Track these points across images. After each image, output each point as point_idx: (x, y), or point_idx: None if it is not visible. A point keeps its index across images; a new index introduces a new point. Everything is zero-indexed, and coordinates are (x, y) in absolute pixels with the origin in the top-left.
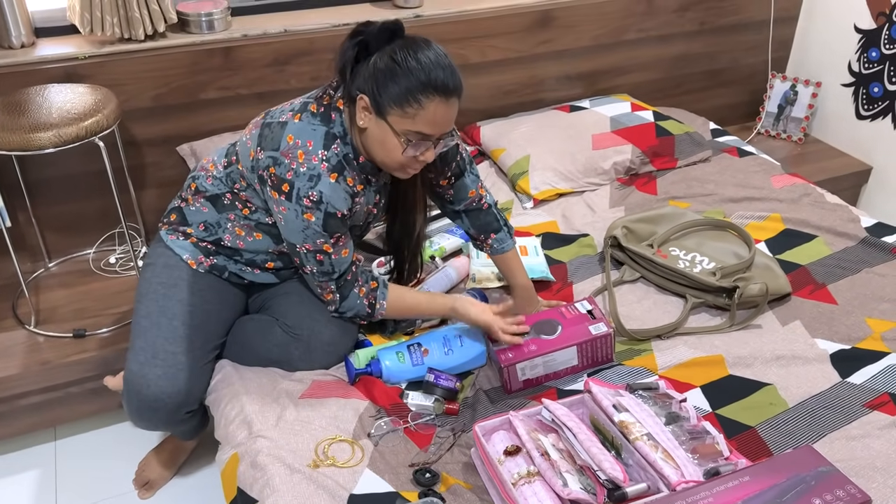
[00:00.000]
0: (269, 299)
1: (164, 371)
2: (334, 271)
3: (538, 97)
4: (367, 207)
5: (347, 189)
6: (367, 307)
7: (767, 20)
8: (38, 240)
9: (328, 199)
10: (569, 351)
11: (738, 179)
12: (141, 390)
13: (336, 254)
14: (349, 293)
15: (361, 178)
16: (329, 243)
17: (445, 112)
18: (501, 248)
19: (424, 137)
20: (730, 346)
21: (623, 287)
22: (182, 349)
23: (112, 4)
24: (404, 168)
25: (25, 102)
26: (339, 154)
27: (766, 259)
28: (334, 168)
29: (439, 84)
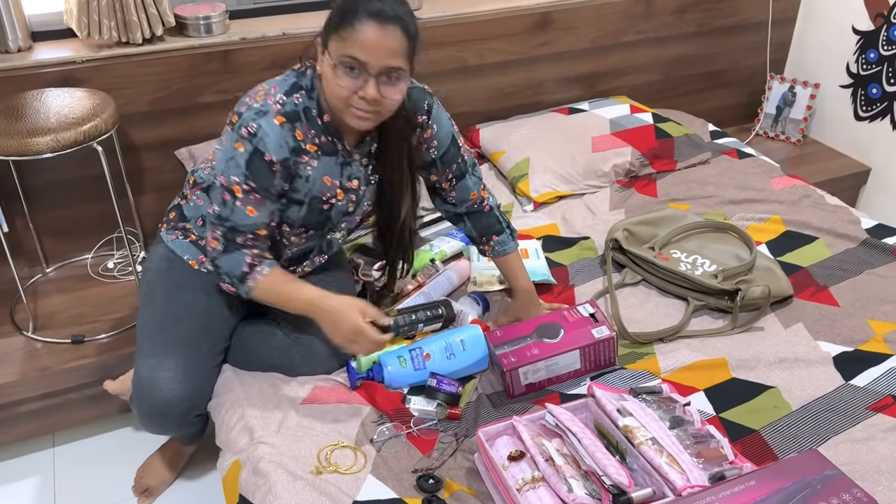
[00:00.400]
0: None
1: (174, 374)
2: (229, 220)
3: (537, 99)
4: (330, 181)
5: (291, 140)
6: (246, 267)
7: (766, 21)
8: (35, 245)
9: (262, 136)
10: (571, 355)
11: (738, 181)
12: (153, 394)
13: (242, 203)
14: (234, 251)
15: (319, 140)
16: (242, 187)
17: (378, 37)
18: (503, 251)
19: (361, 66)
20: (732, 349)
21: (624, 290)
22: (192, 351)
23: (109, 8)
24: (349, 107)
25: (23, 107)
26: (298, 105)
27: (768, 261)
28: (286, 114)
29: (373, 7)
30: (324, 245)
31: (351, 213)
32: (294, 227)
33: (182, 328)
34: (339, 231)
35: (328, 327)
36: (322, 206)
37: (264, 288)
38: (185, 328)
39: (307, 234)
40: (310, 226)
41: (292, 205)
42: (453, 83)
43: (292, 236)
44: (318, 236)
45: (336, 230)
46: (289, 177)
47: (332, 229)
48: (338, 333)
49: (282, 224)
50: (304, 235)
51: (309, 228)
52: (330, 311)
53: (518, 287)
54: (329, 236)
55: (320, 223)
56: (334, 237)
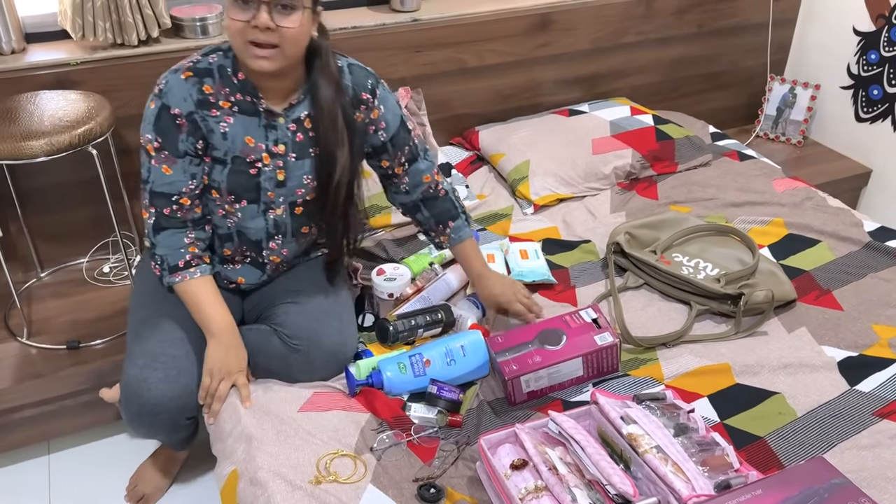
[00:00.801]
0: (267, 309)
1: (164, 374)
2: (149, 181)
3: (537, 101)
4: (254, 143)
5: (198, 93)
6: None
7: (766, 23)
8: (29, 249)
9: (167, 90)
10: (574, 362)
11: (739, 184)
12: (141, 394)
13: (157, 162)
14: (171, 229)
15: (235, 98)
16: (153, 145)
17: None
18: (460, 237)
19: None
20: (736, 354)
21: (626, 293)
22: (182, 352)
23: (104, 9)
24: (247, 45)
25: (16, 110)
26: (212, 63)
27: (771, 265)
28: (195, 70)
29: None
30: (270, 225)
31: (284, 184)
32: (223, 193)
33: (171, 330)
34: (278, 206)
35: (216, 353)
36: (248, 170)
37: (190, 290)
38: (174, 330)
39: (241, 205)
40: (241, 194)
41: (216, 164)
42: (452, 85)
43: (226, 205)
44: (258, 212)
45: (275, 205)
46: (198, 132)
47: (269, 204)
48: (215, 363)
49: (211, 188)
50: (239, 208)
51: (241, 198)
52: (226, 345)
53: (480, 274)
54: (271, 214)
55: (250, 190)
56: (277, 215)
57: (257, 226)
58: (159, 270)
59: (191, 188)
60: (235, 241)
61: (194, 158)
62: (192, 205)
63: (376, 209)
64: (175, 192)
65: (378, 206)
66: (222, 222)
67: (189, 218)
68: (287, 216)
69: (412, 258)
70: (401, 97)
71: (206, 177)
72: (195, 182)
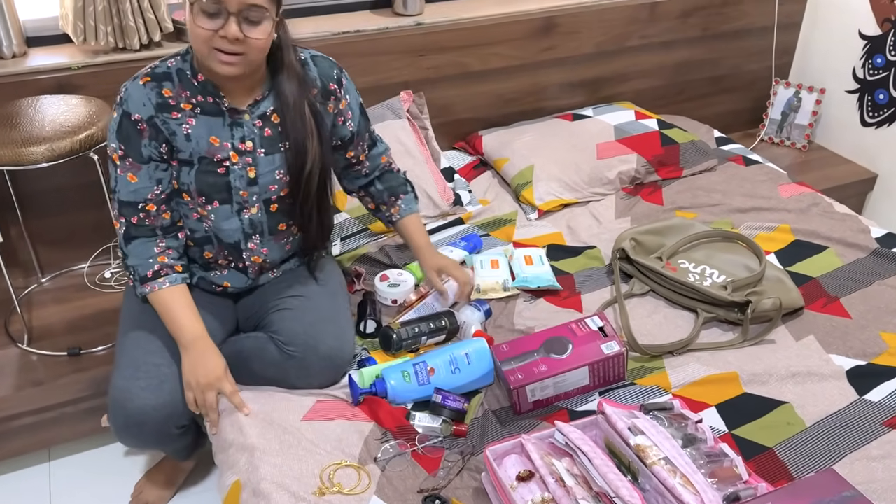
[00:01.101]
0: (264, 316)
1: (147, 383)
2: (117, 191)
3: (540, 105)
4: (219, 142)
5: (157, 97)
6: (151, 272)
7: (771, 26)
8: (30, 255)
9: (127, 97)
10: (580, 371)
11: (745, 189)
12: (125, 404)
13: (122, 170)
14: (140, 238)
15: (196, 100)
16: (118, 153)
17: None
18: (410, 209)
19: (219, 5)
20: (743, 363)
21: (632, 300)
22: (165, 361)
23: (106, 13)
24: (213, 52)
25: (17, 115)
26: (171, 68)
27: (777, 272)
28: (153, 75)
29: None
30: (246, 225)
31: (256, 181)
32: (194, 195)
33: (154, 340)
34: (252, 205)
35: (189, 365)
36: (216, 170)
37: (161, 300)
38: (157, 339)
39: (214, 206)
40: (211, 195)
41: (182, 166)
42: (456, 89)
43: (199, 208)
44: (232, 212)
45: (249, 204)
46: (160, 136)
47: (243, 204)
48: (193, 375)
49: (182, 192)
50: (211, 209)
51: (212, 199)
52: (196, 356)
53: (427, 245)
54: (246, 213)
55: (221, 190)
56: (252, 214)
57: (232, 226)
58: (132, 281)
59: (156, 194)
60: (215, 243)
61: (160, 164)
62: (158, 210)
63: None
64: (141, 199)
65: None
66: (198, 226)
67: (158, 225)
68: (263, 214)
69: (415, 264)
70: (402, 101)
71: (175, 181)
72: (161, 187)
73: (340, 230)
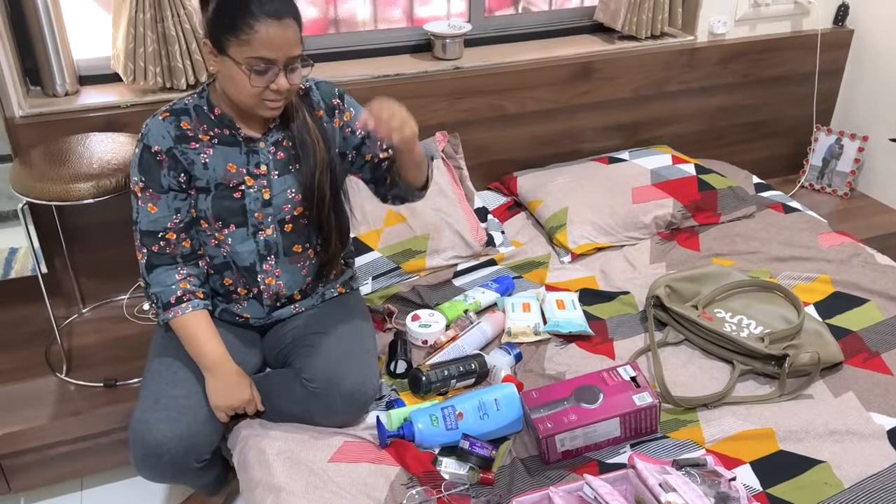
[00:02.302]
0: (291, 353)
1: (165, 415)
2: (138, 222)
3: (576, 147)
4: (235, 168)
5: (176, 130)
6: (174, 298)
7: (812, 73)
8: (73, 285)
9: (148, 132)
10: (611, 422)
11: (783, 237)
12: (143, 435)
13: (143, 202)
14: (161, 266)
15: (212, 131)
16: (139, 185)
17: (280, 33)
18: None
19: (268, 63)
20: (780, 418)
21: (666, 349)
22: (183, 393)
23: (155, 55)
24: (262, 102)
25: (67, 151)
26: (188, 104)
27: (816, 324)
28: (172, 111)
29: (265, 6)
30: (261, 247)
31: (270, 202)
32: (211, 221)
33: (175, 372)
34: (267, 226)
35: (214, 388)
36: (232, 194)
37: (183, 325)
38: (177, 371)
39: (230, 230)
40: (227, 219)
41: (200, 193)
42: (492, 131)
43: (216, 233)
44: (248, 235)
45: (264, 225)
46: (179, 165)
47: (258, 226)
48: (221, 399)
49: (200, 219)
50: (228, 233)
51: (229, 223)
52: (222, 378)
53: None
54: (262, 235)
55: (237, 214)
56: (267, 235)
57: (247, 248)
58: (155, 309)
59: (175, 222)
60: (233, 268)
61: (179, 193)
62: (178, 239)
63: (409, 254)
64: (161, 228)
65: (411, 250)
66: (216, 252)
67: (178, 253)
68: (277, 235)
69: (447, 305)
70: (437, 141)
71: (193, 210)
72: (180, 216)
73: (372, 269)
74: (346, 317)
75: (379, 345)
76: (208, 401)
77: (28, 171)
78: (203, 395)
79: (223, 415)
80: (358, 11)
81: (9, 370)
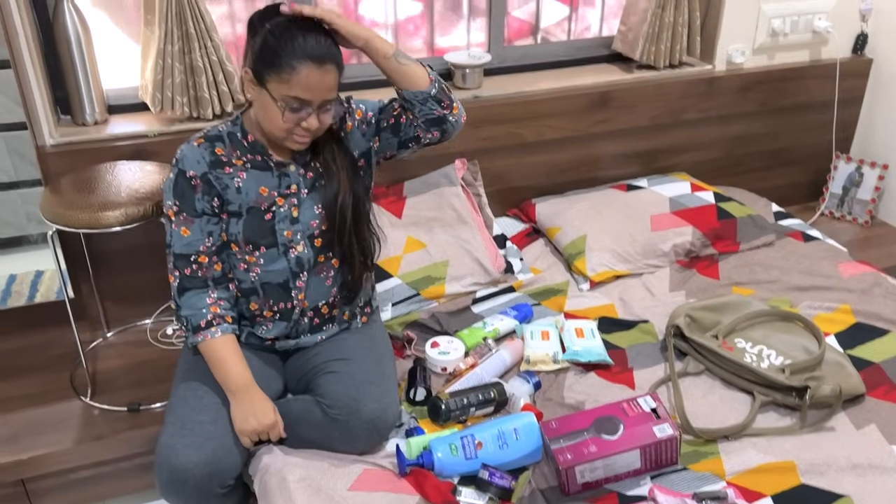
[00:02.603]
0: (312, 379)
1: (191, 440)
2: (171, 246)
3: (594, 175)
4: (267, 192)
5: (210, 156)
6: (204, 322)
7: (831, 101)
8: (98, 310)
9: (182, 157)
10: (631, 454)
11: (803, 266)
12: (170, 460)
13: (177, 225)
14: (193, 290)
15: (245, 157)
16: (173, 209)
17: (319, 77)
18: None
19: (303, 103)
20: (801, 451)
21: (686, 379)
22: (209, 418)
23: (183, 85)
24: (290, 135)
25: (95, 180)
26: (222, 130)
27: (837, 355)
28: (206, 136)
29: (309, 50)
30: (293, 264)
31: (298, 220)
32: (241, 245)
33: (201, 397)
34: (297, 243)
35: (240, 413)
36: (263, 216)
37: (212, 349)
38: (204, 397)
39: (261, 252)
40: (257, 241)
41: (231, 218)
42: (510, 158)
43: (247, 256)
44: (279, 254)
45: (294, 242)
46: (213, 190)
47: (288, 244)
48: (246, 423)
49: (230, 243)
50: (259, 255)
51: (259, 245)
52: (247, 403)
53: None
54: (293, 252)
55: (266, 235)
56: (299, 252)
57: (280, 267)
58: (184, 331)
59: (207, 246)
60: (260, 294)
61: (211, 217)
62: (210, 262)
63: (429, 280)
64: (193, 251)
65: (431, 277)
66: (245, 276)
67: (210, 276)
68: (308, 250)
69: (466, 332)
70: (456, 168)
71: (224, 234)
72: (212, 239)
73: (392, 295)
74: (367, 343)
75: (399, 371)
76: (233, 426)
77: (58, 199)
78: (228, 420)
79: (247, 440)
80: None
81: (34, 394)
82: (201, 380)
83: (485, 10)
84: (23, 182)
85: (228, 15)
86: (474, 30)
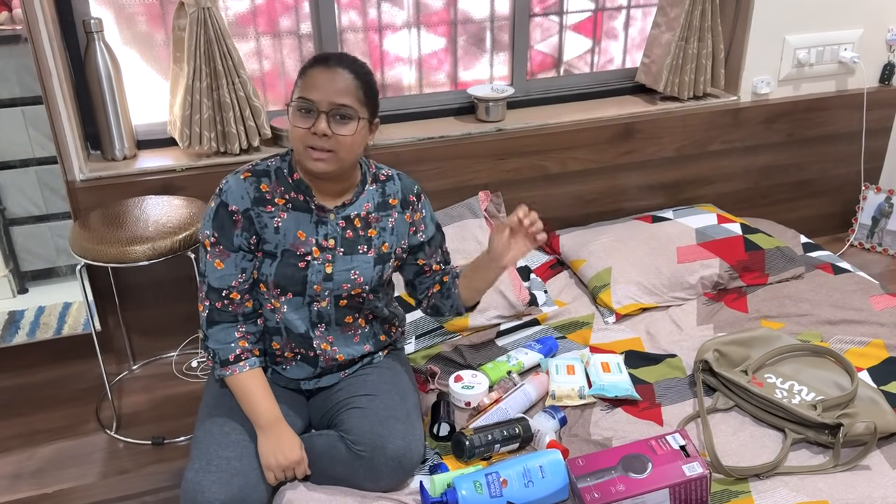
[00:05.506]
0: (336, 415)
1: (217, 476)
2: (205, 275)
3: (619, 206)
4: (305, 236)
5: (255, 192)
6: (233, 356)
7: (859, 131)
8: (125, 343)
9: (227, 189)
10: (660, 493)
11: (834, 299)
12: (195, 497)
13: (212, 256)
14: (222, 324)
15: (289, 196)
16: (210, 240)
17: (326, 76)
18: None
19: (311, 105)
20: (835, 490)
21: (716, 416)
22: (236, 454)
23: (210, 121)
24: (307, 149)
25: (124, 214)
26: (270, 165)
27: (871, 391)
28: (253, 171)
29: (324, 55)
30: (313, 315)
31: (331, 277)
32: (270, 287)
33: (228, 433)
34: (323, 299)
35: (268, 447)
36: (297, 263)
37: (240, 383)
38: (230, 433)
39: (287, 298)
40: (286, 287)
41: (266, 258)
42: (534, 190)
43: (272, 299)
44: (302, 304)
45: (320, 298)
46: (252, 228)
47: (315, 297)
48: (273, 458)
49: (260, 282)
50: (284, 300)
51: (287, 291)
52: (275, 438)
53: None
54: (316, 306)
55: (297, 283)
56: (322, 307)
57: (300, 316)
58: (211, 362)
59: (240, 282)
60: (283, 335)
61: (247, 254)
62: (242, 299)
63: None
64: (226, 286)
65: None
66: (270, 315)
67: (240, 312)
68: (331, 308)
69: (490, 366)
70: (480, 200)
71: (255, 271)
72: (245, 275)
73: (415, 328)
74: (391, 379)
75: (422, 406)
76: (259, 462)
77: (87, 234)
78: (254, 456)
79: (272, 476)
80: (404, 77)
81: (60, 427)
82: (227, 414)
83: (507, 44)
84: (53, 215)
85: (255, 51)
86: (497, 63)
